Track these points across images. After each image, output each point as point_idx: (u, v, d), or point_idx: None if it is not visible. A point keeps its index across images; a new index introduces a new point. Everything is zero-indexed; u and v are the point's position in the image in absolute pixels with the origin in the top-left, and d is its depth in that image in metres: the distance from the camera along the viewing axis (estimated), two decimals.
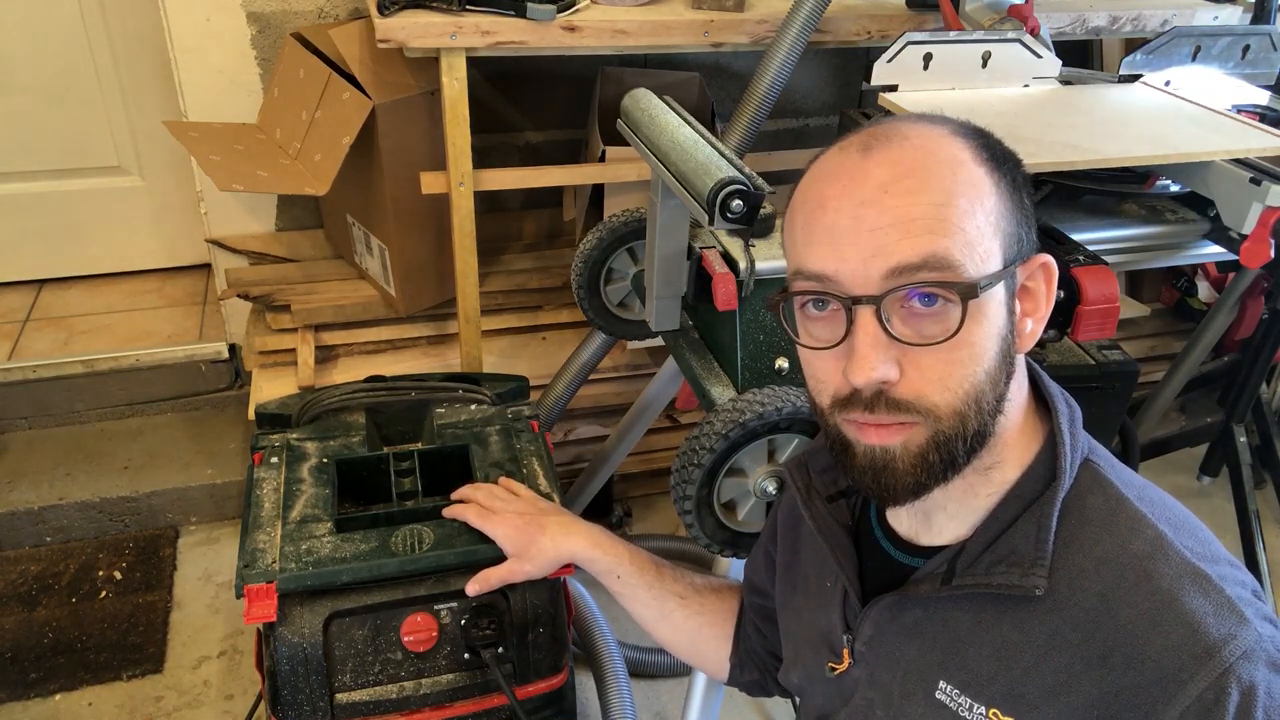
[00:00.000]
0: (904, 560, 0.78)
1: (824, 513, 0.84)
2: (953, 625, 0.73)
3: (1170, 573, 0.65)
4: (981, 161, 0.68)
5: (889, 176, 0.66)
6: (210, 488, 2.10)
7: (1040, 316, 0.71)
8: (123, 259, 2.43)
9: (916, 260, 0.64)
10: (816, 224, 0.68)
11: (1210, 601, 0.64)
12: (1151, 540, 0.67)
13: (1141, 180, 1.48)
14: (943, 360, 0.66)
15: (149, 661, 1.79)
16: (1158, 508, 0.70)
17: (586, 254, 1.48)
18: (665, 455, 2.21)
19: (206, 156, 1.78)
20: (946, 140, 0.68)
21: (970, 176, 0.66)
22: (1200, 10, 1.98)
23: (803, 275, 0.69)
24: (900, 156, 0.66)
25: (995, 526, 0.72)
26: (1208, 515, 2.38)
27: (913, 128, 0.69)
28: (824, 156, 0.72)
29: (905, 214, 0.64)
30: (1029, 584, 0.67)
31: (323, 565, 1.20)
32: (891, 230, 0.64)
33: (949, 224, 0.64)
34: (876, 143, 0.68)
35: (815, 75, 2.38)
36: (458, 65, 1.63)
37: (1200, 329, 2.03)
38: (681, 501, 1.15)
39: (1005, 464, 0.72)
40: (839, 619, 0.83)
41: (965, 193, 0.66)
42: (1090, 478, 0.72)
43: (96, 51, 2.17)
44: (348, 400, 1.50)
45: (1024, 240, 0.69)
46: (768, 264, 1.18)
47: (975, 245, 0.65)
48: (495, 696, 1.25)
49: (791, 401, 1.10)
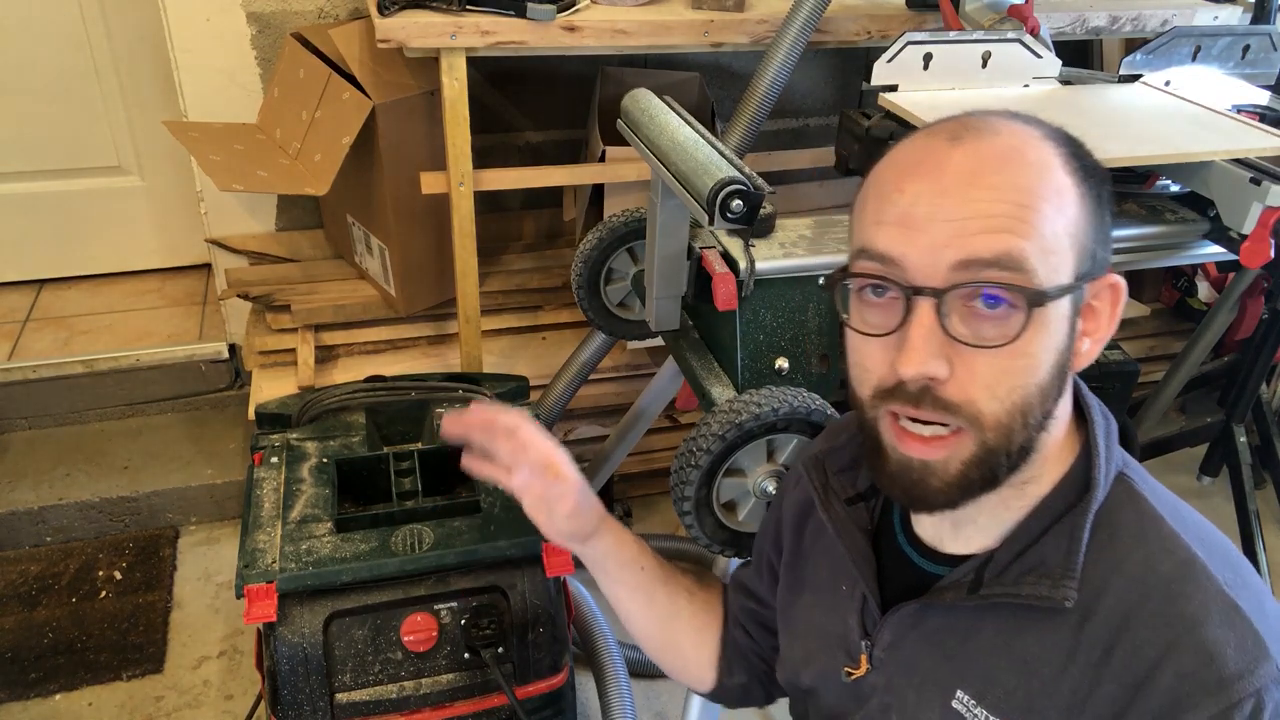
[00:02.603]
0: (927, 567, 0.77)
1: (843, 516, 0.82)
2: (975, 635, 0.72)
3: (1198, 598, 0.64)
4: (1070, 170, 0.65)
5: (974, 169, 0.63)
6: (210, 488, 2.10)
7: (1100, 337, 0.69)
8: (123, 259, 2.43)
9: (989, 256, 0.61)
10: (890, 205, 0.65)
11: (1235, 633, 0.62)
12: (1183, 562, 0.66)
13: (1141, 180, 1.48)
14: (996, 366, 0.63)
15: (149, 661, 1.79)
16: (1191, 528, 0.68)
17: (586, 254, 1.48)
18: (665, 455, 2.20)
19: (206, 156, 1.78)
20: (1037, 142, 0.66)
21: (1057, 182, 0.64)
22: (1200, 10, 1.98)
23: (867, 255, 0.66)
24: (989, 150, 0.64)
25: (1025, 537, 0.70)
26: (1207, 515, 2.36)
27: (1005, 124, 0.67)
28: (910, 139, 0.69)
29: (985, 209, 0.62)
30: (1059, 595, 0.66)
31: (323, 565, 1.20)
32: (969, 223, 0.62)
33: (1029, 225, 0.62)
34: (967, 133, 0.65)
35: (815, 75, 2.38)
36: (458, 65, 1.63)
37: (1200, 329, 2.03)
38: (681, 502, 1.15)
39: (1041, 479, 0.71)
40: (856, 624, 0.81)
41: (1050, 198, 0.63)
42: (1124, 492, 0.70)
43: (96, 51, 2.17)
44: (348, 400, 1.51)
45: (1098, 257, 0.67)
46: (768, 264, 1.18)
47: (1051, 253, 0.63)
48: (495, 696, 1.25)
49: (788, 402, 1.10)
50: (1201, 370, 2.11)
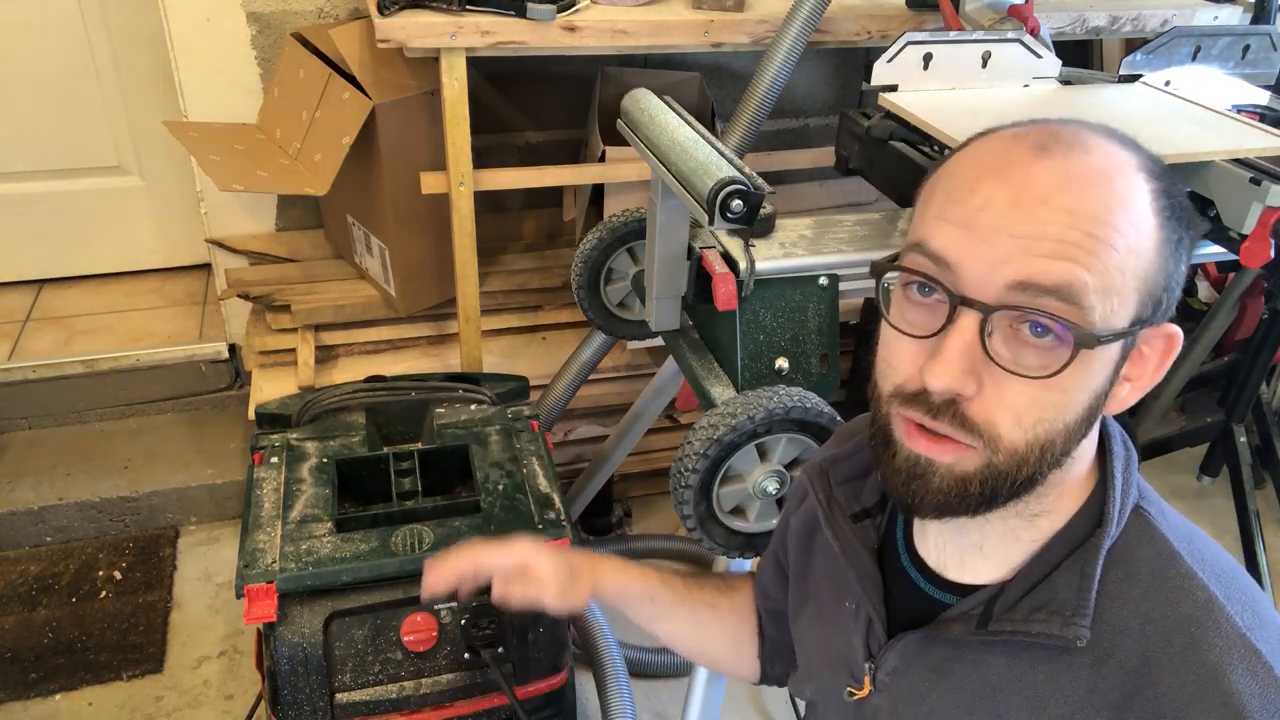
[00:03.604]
0: (933, 594, 0.75)
1: (849, 535, 0.80)
2: (984, 670, 0.69)
3: (1220, 644, 0.62)
4: (1157, 210, 0.60)
5: (1055, 187, 0.59)
6: (210, 488, 2.10)
7: (1142, 386, 0.65)
8: (123, 259, 2.43)
9: (1048, 284, 0.57)
10: (958, 205, 0.61)
11: (1258, 682, 0.61)
12: (1202, 604, 0.63)
13: None
14: (1028, 396, 0.60)
15: (149, 661, 1.80)
16: (1209, 564, 0.66)
17: (586, 254, 1.48)
18: (665, 455, 2.21)
19: (206, 156, 1.78)
20: (1129, 170, 0.61)
21: (1139, 219, 0.59)
22: (1200, 10, 1.98)
23: (921, 250, 0.62)
24: (1076, 169, 0.59)
25: (1037, 571, 0.68)
26: (1208, 515, 2.38)
27: (1099, 142, 0.61)
28: (994, 136, 0.64)
29: (1056, 232, 0.58)
30: (1070, 635, 0.64)
31: (323, 565, 1.20)
32: (1035, 243, 0.58)
33: (1097, 259, 0.58)
34: (1057, 145, 0.61)
35: (815, 75, 2.38)
36: (458, 65, 1.63)
37: (1200, 329, 2.03)
38: (685, 520, 1.15)
39: (1055, 513, 0.69)
40: (860, 644, 0.79)
41: (1127, 234, 0.59)
42: (1140, 527, 0.68)
43: (96, 51, 2.17)
44: (348, 400, 1.51)
45: (1162, 305, 0.62)
46: (768, 264, 1.18)
47: (1114, 294, 0.59)
48: (495, 696, 1.25)
49: (763, 406, 1.10)
50: (1201, 370, 2.11)
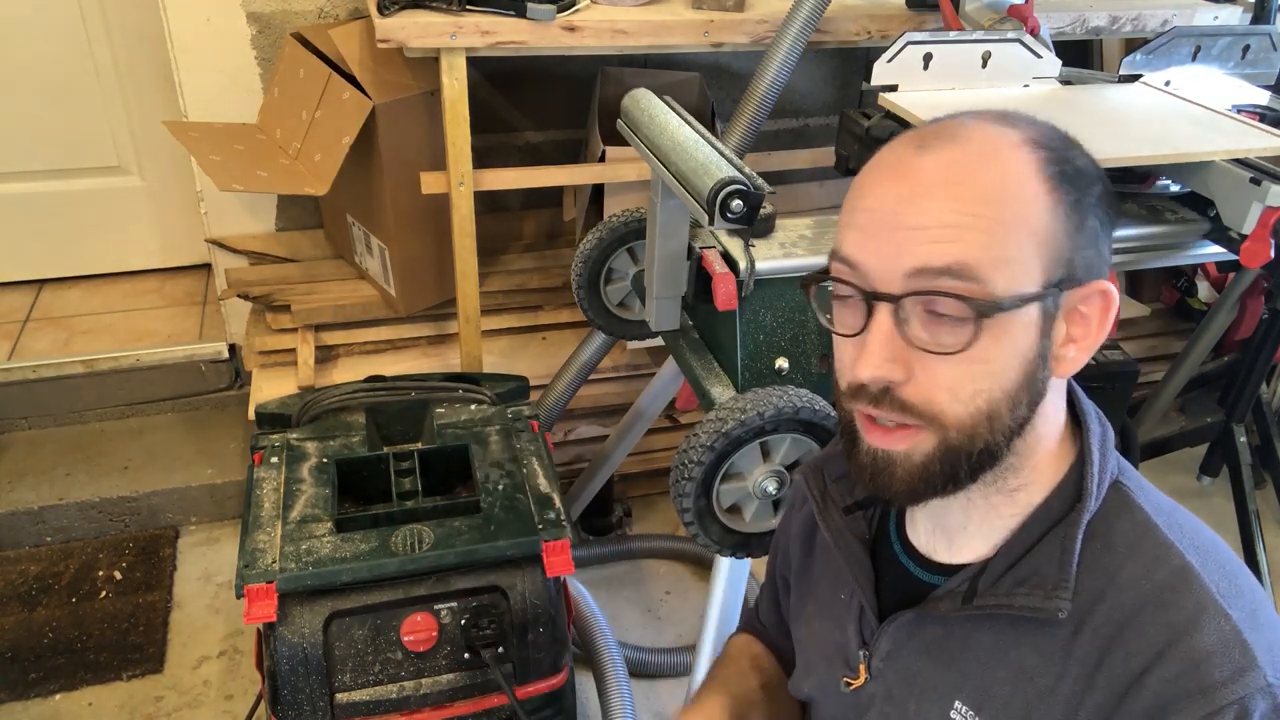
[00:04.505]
0: (923, 577, 0.77)
1: (840, 526, 0.83)
2: (972, 645, 0.72)
3: (1189, 606, 0.64)
4: (1044, 177, 0.64)
5: (936, 178, 0.63)
6: (210, 488, 2.10)
7: (1089, 345, 0.68)
8: (123, 259, 2.43)
9: (940, 265, 0.62)
10: (857, 211, 0.67)
11: (1222, 640, 0.62)
12: (1176, 570, 0.66)
13: (1141, 180, 1.48)
14: (955, 371, 0.64)
15: (149, 661, 1.79)
16: (1187, 535, 0.68)
17: (586, 254, 1.48)
18: (665, 455, 2.20)
19: (206, 156, 1.78)
20: (1009, 148, 0.65)
21: (1023, 191, 0.63)
22: (1200, 10, 1.98)
23: (836, 257, 0.68)
24: (953, 158, 0.64)
25: (1019, 547, 0.70)
26: (1208, 515, 2.36)
27: (978, 128, 0.66)
28: (888, 144, 0.69)
29: (940, 218, 0.63)
30: (1052, 607, 0.66)
31: (323, 565, 1.20)
32: (924, 232, 0.63)
33: (984, 234, 0.62)
34: (936, 140, 0.65)
35: (815, 75, 2.38)
36: (458, 65, 1.63)
37: (1200, 329, 2.03)
38: (683, 514, 1.15)
39: (1032, 486, 0.71)
40: (854, 633, 0.82)
41: (1012, 206, 0.63)
42: (1119, 500, 0.70)
43: (96, 51, 2.17)
44: (348, 400, 1.51)
45: (1078, 264, 0.65)
46: (768, 264, 1.18)
47: (1010, 263, 0.63)
48: (495, 696, 1.25)
49: (773, 404, 1.10)
50: (1201, 370, 2.11)
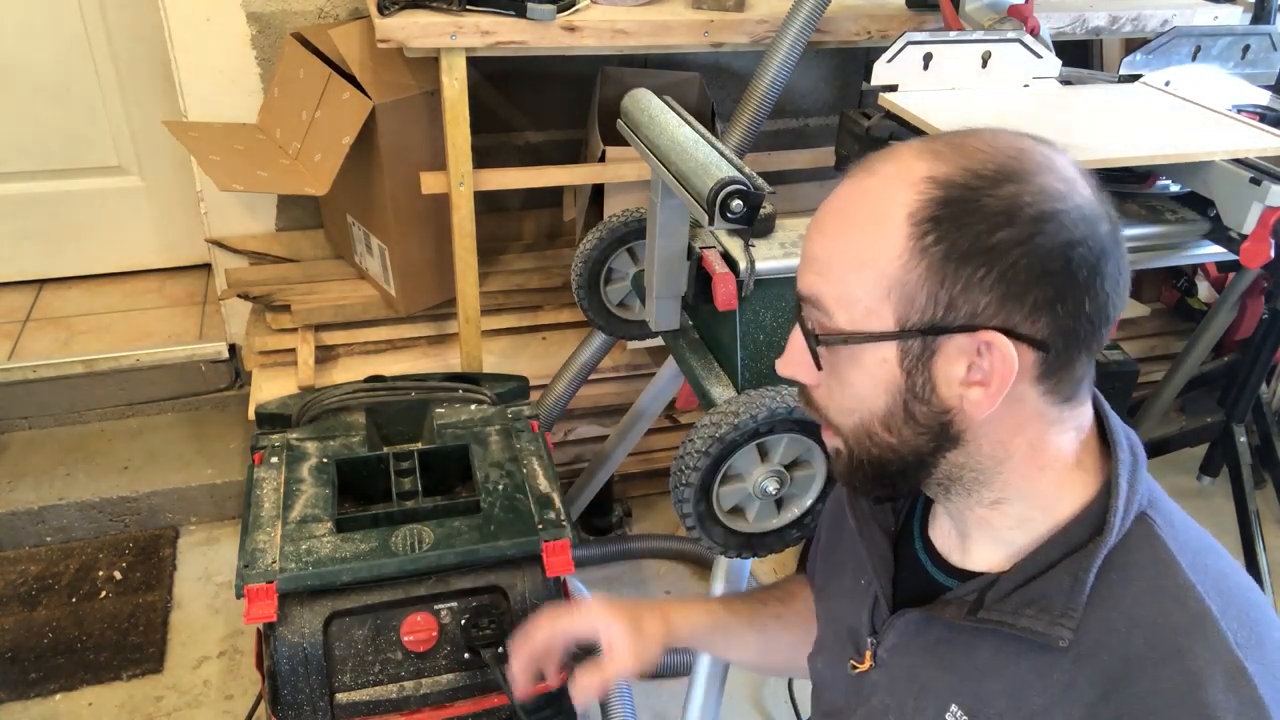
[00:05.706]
0: (937, 577, 0.78)
1: (867, 515, 0.84)
2: (973, 654, 0.72)
3: (1205, 656, 0.62)
4: (919, 220, 0.63)
5: (831, 209, 0.70)
6: (210, 488, 2.10)
7: (992, 391, 0.65)
8: (123, 259, 2.43)
9: (803, 294, 0.70)
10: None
11: (1238, 698, 0.61)
12: (1195, 615, 0.64)
13: (1141, 180, 1.48)
14: (832, 386, 0.71)
15: (149, 661, 1.79)
16: (1212, 578, 0.66)
17: (586, 254, 1.48)
18: (665, 455, 2.20)
19: (206, 156, 1.78)
20: (901, 186, 0.64)
21: (885, 231, 0.64)
22: (1200, 10, 1.98)
23: None
24: (853, 191, 0.69)
25: (1033, 567, 0.69)
26: (1208, 515, 2.38)
27: (898, 161, 0.66)
28: None
29: (813, 249, 0.70)
30: (1053, 634, 0.66)
31: (323, 565, 1.20)
32: (807, 261, 0.70)
33: (832, 271, 0.68)
34: (862, 168, 0.69)
35: (815, 75, 2.38)
36: (458, 65, 1.63)
37: (1200, 329, 2.03)
38: (684, 519, 1.15)
39: (1030, 503, 0.70)
40: (867, 619, 0.83)
41: (867, 247, 0.65)
42: (1144, 534, 0.68)
43: (96, 51, 2.16)
44: (348, 400, 1.51)
45: (942, 309, 0.63)
46: (768, 264, 1.18)
47: (855, 301, 0.66)
48: (495, 696, 1.25)
49: (766, 405, 1.10)
50: (1201, 370, 2.11)
